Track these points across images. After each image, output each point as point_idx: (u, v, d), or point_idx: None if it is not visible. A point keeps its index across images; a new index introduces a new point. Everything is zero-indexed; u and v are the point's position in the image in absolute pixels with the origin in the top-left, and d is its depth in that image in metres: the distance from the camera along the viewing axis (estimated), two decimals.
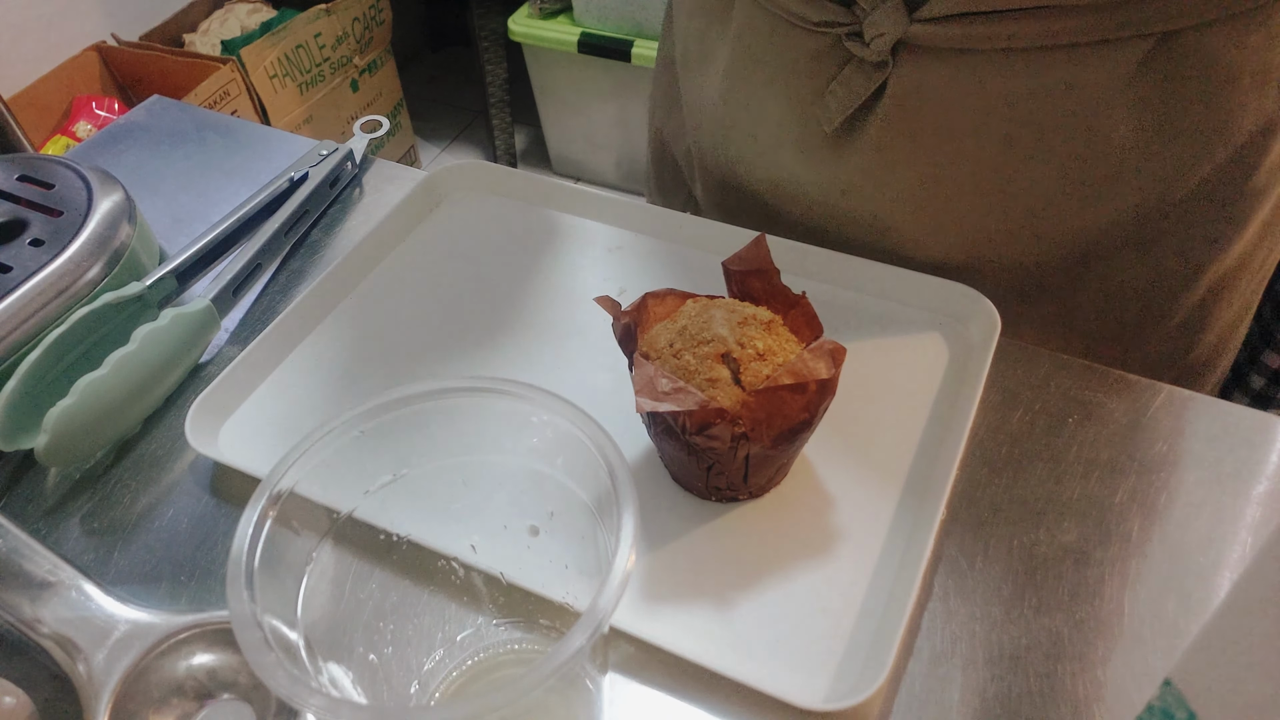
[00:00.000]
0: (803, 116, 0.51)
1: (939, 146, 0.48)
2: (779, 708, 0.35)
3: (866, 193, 0.51)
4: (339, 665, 0.32)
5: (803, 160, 0.52)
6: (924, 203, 0.50)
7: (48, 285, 0.48)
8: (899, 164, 0.49)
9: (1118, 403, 0.46)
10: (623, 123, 1.84)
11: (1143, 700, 0.25)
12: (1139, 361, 0.55)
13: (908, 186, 0.50)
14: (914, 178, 0.49)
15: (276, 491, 0.29)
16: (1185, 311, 0.53)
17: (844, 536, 0.42)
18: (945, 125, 0.47)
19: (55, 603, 0.37)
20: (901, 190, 0.50)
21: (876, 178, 0.50)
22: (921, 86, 0.46)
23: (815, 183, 0.53)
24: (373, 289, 0.55)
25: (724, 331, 0.39)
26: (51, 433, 0.42)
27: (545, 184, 0.60)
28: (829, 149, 0.51)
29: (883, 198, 0.51)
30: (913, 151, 0.48)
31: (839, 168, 0.51)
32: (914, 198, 0.50)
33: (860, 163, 0.50)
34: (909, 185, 0.50)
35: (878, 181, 0.50)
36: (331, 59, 1.75)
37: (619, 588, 0.26)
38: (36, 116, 1.52)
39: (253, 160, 0.66)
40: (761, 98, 0.52)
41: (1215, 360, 0.58)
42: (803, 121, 0.51)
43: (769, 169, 0.55)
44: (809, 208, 0.54)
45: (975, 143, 0.47)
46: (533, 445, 0.32)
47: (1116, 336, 0.55)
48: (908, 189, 0.50)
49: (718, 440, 0.38)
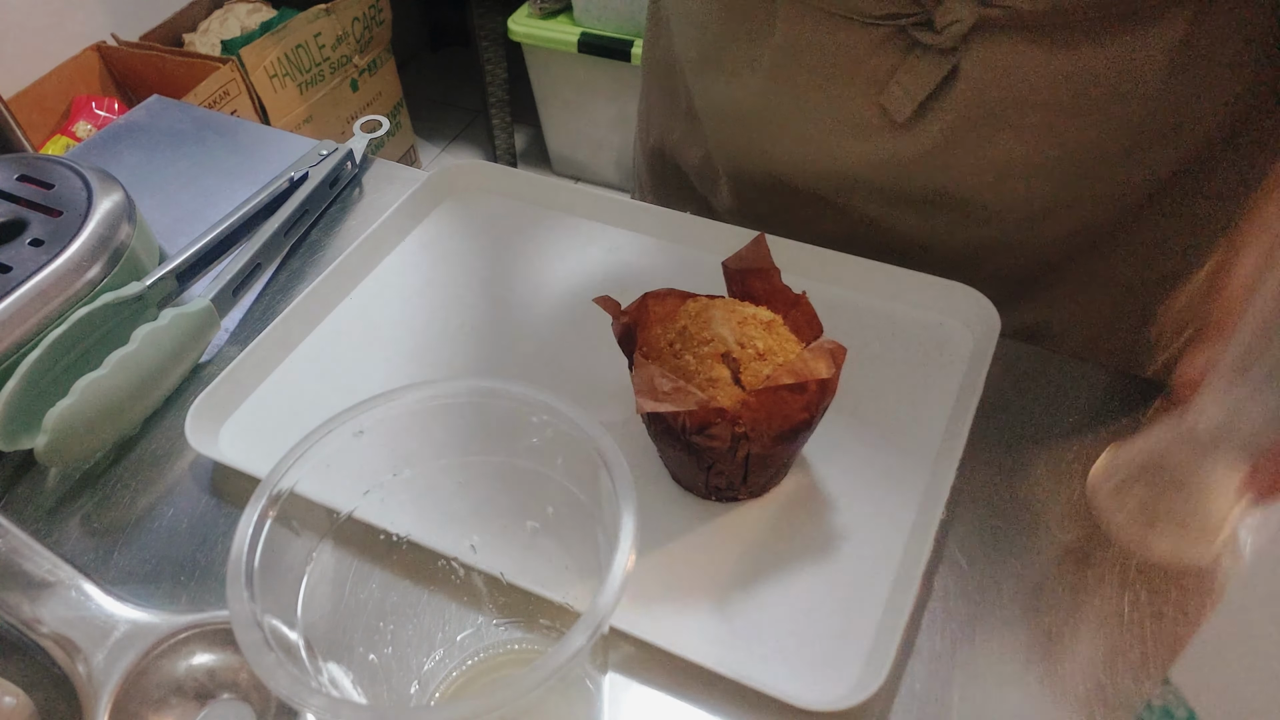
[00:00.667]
0: (864, 108, 0.51)
1: (1009, 121, 0.48)
2: (779, 708, 0.35)
3: (935, 170, 0.51)
4: (339, 665, 0.32)
5: (864, 149, 0.52)
6: (993, 173, 0.51)
7: (48, 285, 0.48)
8: (970, 141, 0.50)
9: (1118, 403, 0.46)
10: (623, 123, 1.84)
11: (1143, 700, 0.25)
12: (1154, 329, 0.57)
13: (978, 161, 0.50)
14: (985, 151, 0.50)
15: (276, 491, 0.29)
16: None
17: (844, 536, 0.42)
18: (1014, 100, 0.47)
19: (55, 602, 0.37)
20: (972, 164, 0.51)
21: (946, 156, 0.51)
22: (993, 66, 0.46)
23: (878, 168, 0.53)
24: (373, 289, 0.55)
25: (724, 331, 0.39)
26: (51, 433, 0.42)
27: (545, 184, 0.60)
28: (893, 134, 0.51)
29: (950, 174, 0.51)
30: (984, 127, 0.49)
31: (904, 151, 0.51)
32: (984, 169, 0.51)
33: (928, 143, 0.50)
34: (979, 159, 0.50)
35: (947, 160, 0.51)
36: (331, 59, 1.75)
37: (619, 588, 0.26)
38: (36, 116, 1.52)
39: (253, 160, 0.66)
40: (814, 95, 0.52)
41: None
42: (863, 112, 0.51)
43: (823, 162, 0.54)
44: (867, 195, 0.54)
45: (1041, 114, 0.48)
46: (533, 445, 0.32)
47: (1153, 292, 0.56)
48: (978, 163, 0.50)
49: (717, 440, 0.38)
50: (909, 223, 0.54)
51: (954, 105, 0.48)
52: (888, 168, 0.52)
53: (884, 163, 0.52)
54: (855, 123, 0.51)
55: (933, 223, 0.54)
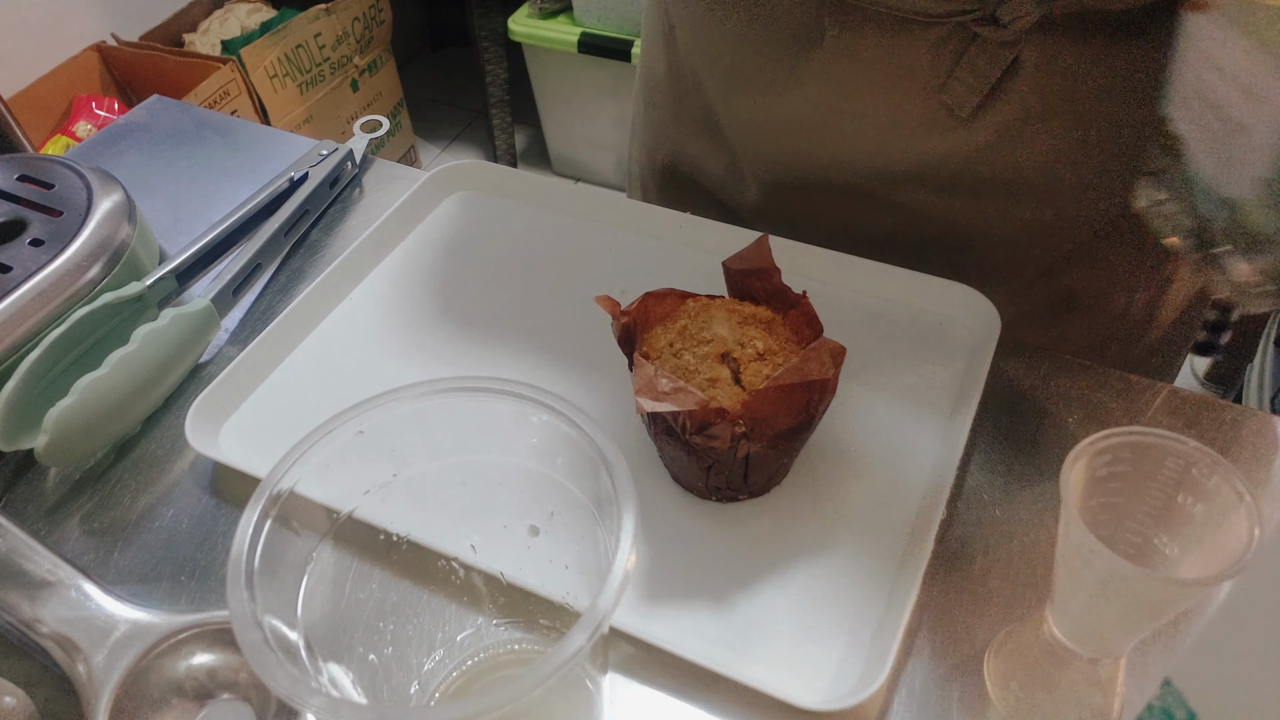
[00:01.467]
0: (921, 106, 0.51)
1: (1066, 107, 0.49)
2: (779, 708, 0.35)
3: (990, 161, 0.52)
4: (339, 665, 0.32)
5: (920, 146, 0.52)
6: (1046, 157, 0.51)
7: (48, 285, 0.48)
8: (1027, 130, 0.50)
9: (1118, 403, 0.46)
10: (623, 123, 1.84)
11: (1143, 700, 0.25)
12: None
13: (1033, 148, 0.51)
14: (1041, 139, 0.50)
15: (276, 491, 0.29)
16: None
17: (844, 536, 0.42)
18: (1071, 87, 0.48)
19: (55, 602, 0.37)
20: (1028, 152, 0.51)
21: (1003, 147, 0.51)
22: (1053, 56, 0.47)
23: (933, 163, 0.53)
24: (372, 289, 0.55)
25: (724, 331, 0.39)
26: (51, 433, 0.42)
27: (545, 184, 0.60)
28: (951, 130, 0.51)
29: (1005, 163, 0.52)
30: (1042, 116, 0.49)
31: (962, 145, 0.51)
32: (1039, 155, 0.51)
33: (987, 136, 0.51)
34: (1034, 147, 0.51)
35: (1003, 150, 0.51)
36: (331, 59, 1.75)
37: (619, 588, 0.26)
38: (36, 116, 1.52)
39: (253, 160, 0.66)
40: (867, 98, 0.52)
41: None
42: (920, 110, 0.51)
43: (874, 161, 0.54)
44: (916, 188, 0.55)
45: (1095, 99, 0.48)
46: (533, 445, 0.32)
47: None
48: (1033, 150, 0.51)
49: (717, 440, 0.38)
50: (959, 211, 0.55)
51: (1014, 97, 0.48)
52: (943, 162, 0.52)
53: (940, 158, 0.52)
54: (911, 121, 0.51)
55: (983, 210, 0.54)
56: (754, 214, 0.61)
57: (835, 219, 0.57)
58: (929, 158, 0.52)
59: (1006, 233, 0.55)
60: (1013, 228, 0.54)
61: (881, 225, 0.56)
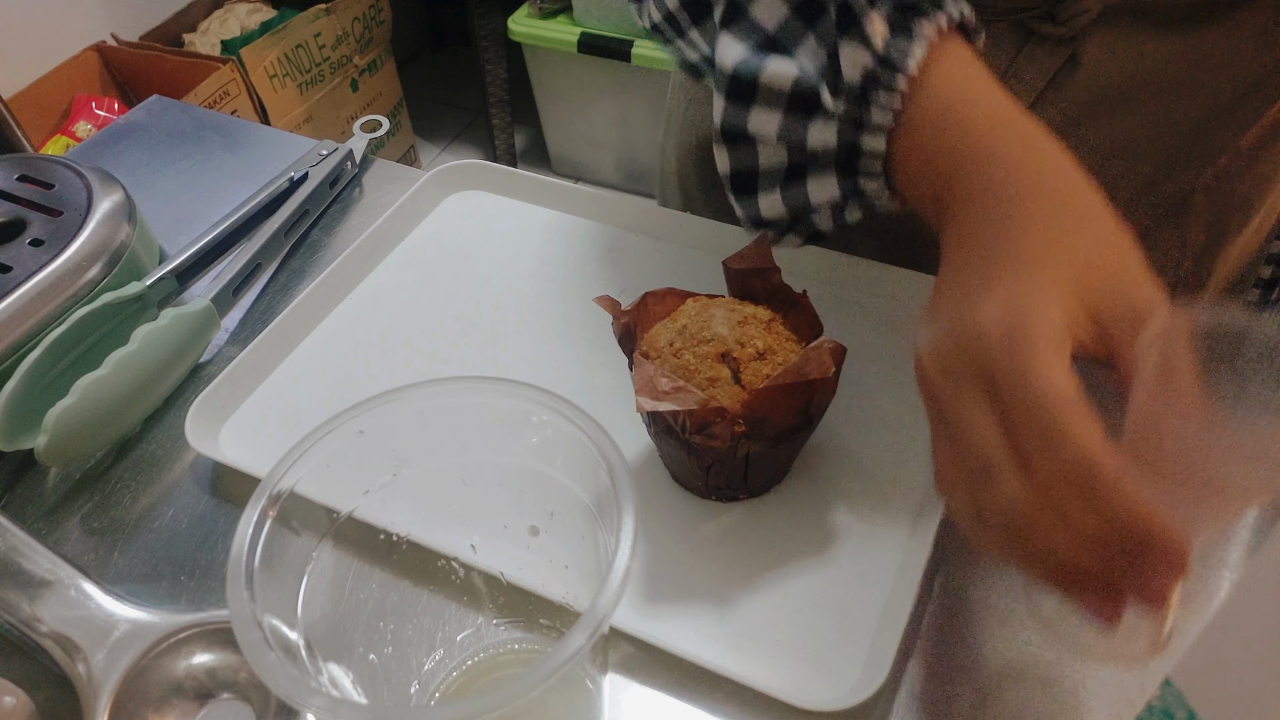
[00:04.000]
0: None
1: (1122, 103, 0.49)
2: (779, 708, 0.35)
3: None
4: (339, 665, 0.32)
5: None
6: (1101, 154, 0.51)
7: (48, 285, 0.48)
8: (1083, 125, 0.50)
9: (1118, 402, 0.46)
10: (623, 123, 1.84)
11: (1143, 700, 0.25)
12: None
13: (1086, 144, 0.50)
14: (1095, 134, 0.50)
15: (276, 491, 0.29)
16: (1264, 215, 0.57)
17: (844, 536, 0.41)
18: (1128, 82, 0.48)
19: (55, 602, 0.37)
20: (1082, 148, 0.51)
21: (1064, 140, 0.51)
22: (1111, 51, 0.47)
23: None
24: (373, 289, 0.55)
25: (724, 331, 0.39)
26: (51, 433, 0.42)
27: (545, 184, 0.60)
28: None
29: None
30: (1098, 111, 0.49)
31: None
32: (1093, 151, 0.51)
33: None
34: (1089, 142, 0.50)
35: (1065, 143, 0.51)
36: (331, 59, 1.75)
37: (619, 588, 0.26)
38: (36, 116, 1.52)
39: (253, 160, 0.66)
40: None
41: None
42: None
43: None
44: None
45: (1150, 95, 0.48)
46: (533, 445, 0.32)
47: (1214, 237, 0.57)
48: (1087, 146, 0.50)
49: (717, 439, 0.38)
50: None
51: (1071, 93, 0.48)
52: None
53: None
54: None
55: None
56: None
57: (880, 219, 0.57)
58: None
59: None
60: None
61: (909, 224, 0.56)
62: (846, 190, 0.40)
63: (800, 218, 0.43)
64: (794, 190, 0.41)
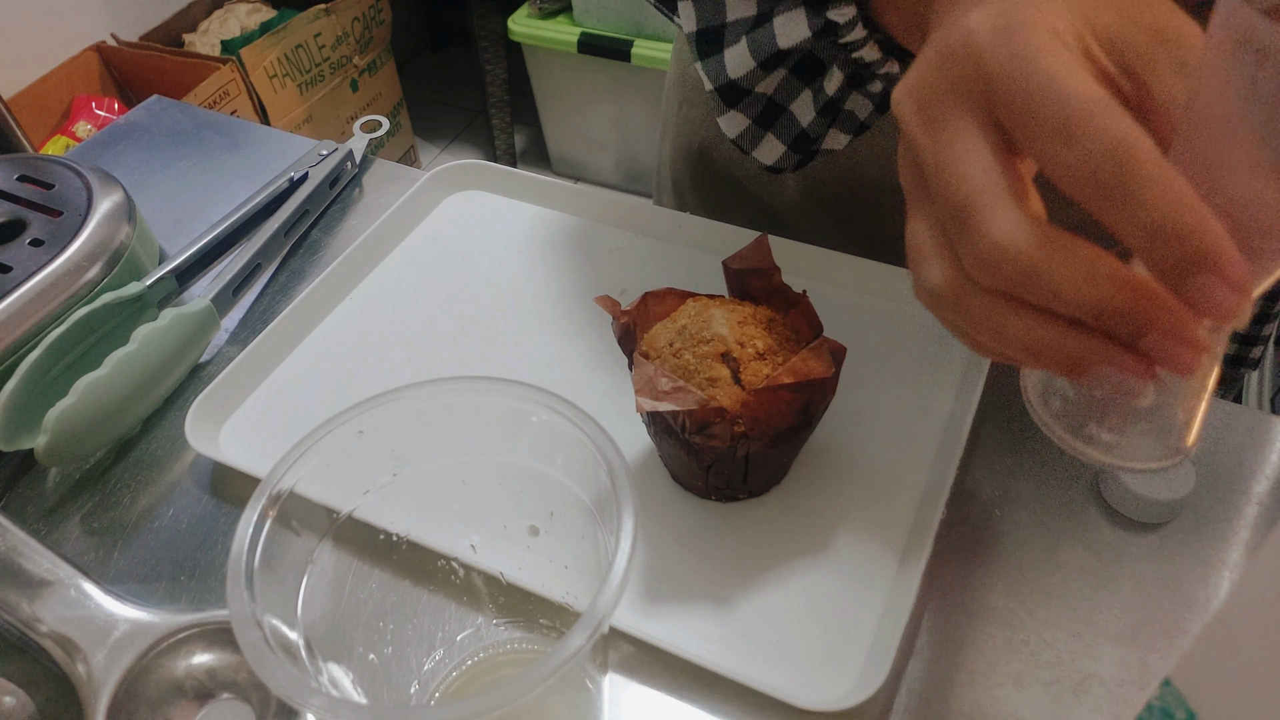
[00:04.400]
0: None
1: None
2: (779, 708, 0.35)
3: None
4: (339, 665, 0.32)
5: None
6: None
7: (48, 285, 0.48)
8: None
9: None
10: (623, 123, 1.84)
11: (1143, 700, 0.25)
12: None
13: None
14: None
15: (276, 491, 0.29)
16: None
17: (844, 536, 0.41)
18: None
19: (54, 601, 0.37)
20: None
21: None
22: None
23: None
24: (373, 289, 0.55)
25: (724, 331, 0.39)
26: (51, 433, 0.42)
27: (545, 184, 0.60)
28: None
29: None
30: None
31: None
32: None
33: None
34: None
35: None
36: (331, 59, 1.75)
37: (619, 588, 0.26)
38: (36, 116, 1.52)
39: (253, 160, 0.66)
40: None
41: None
42: None
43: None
44: None
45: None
46: (533, 445, 0.32)
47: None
48: None
49: (717, 439, 0.38)
50: None
51: None
52: None
53: None
54: None
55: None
56: (791, 210, 0.61)
57: (874, 216, 0.56)
58: None
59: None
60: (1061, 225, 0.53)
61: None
62: (816, 28, 0.36)
63: (776, 109, 0.40)
64: (761, 34, 0.38)
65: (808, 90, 0.40)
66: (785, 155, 0.43)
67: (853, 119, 0.44)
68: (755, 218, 0.63)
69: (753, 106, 0.41)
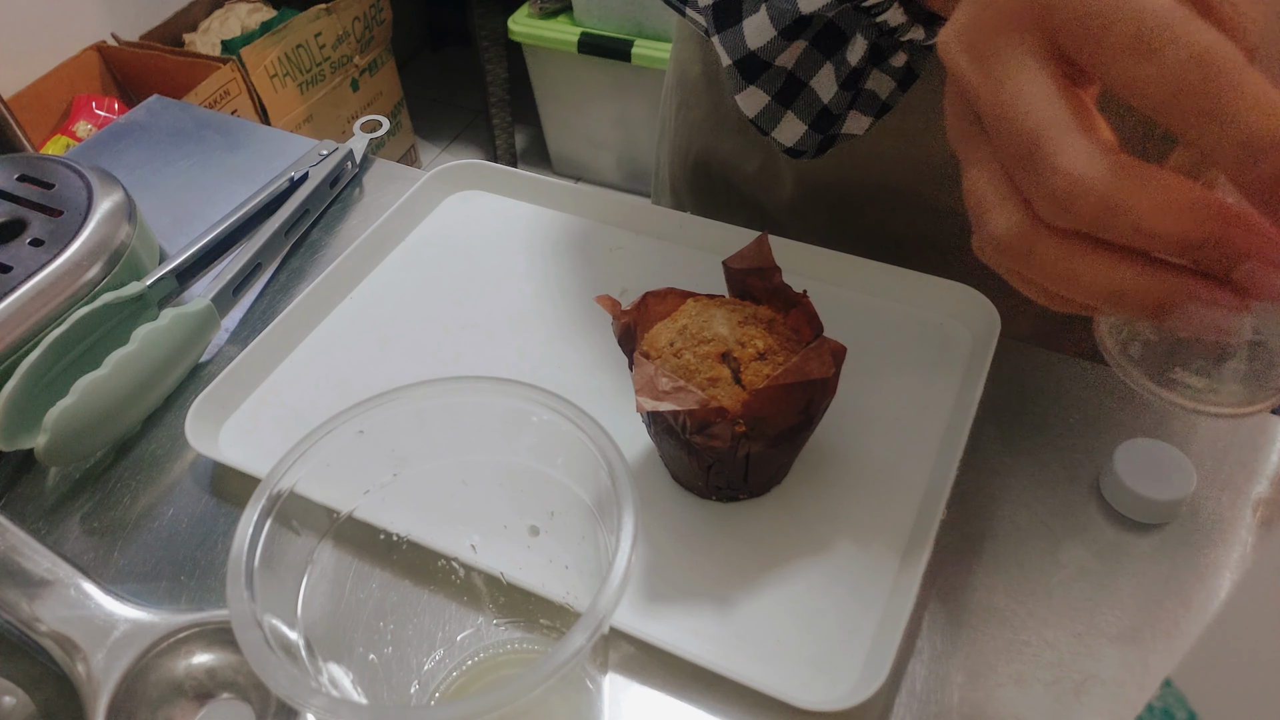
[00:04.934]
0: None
1: (1121, 101, 0.47)
2: (779, 708, 0.35)
3: None
4: (339, 665, 0.31)
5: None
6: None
7: (48, 285, 0.48)
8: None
9: (1118, 402, 0.46)
10: (623, 122, 1.84)
11: (1143, 700, 0.25)
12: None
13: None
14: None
15: (276, 491, 0.29)
16: None
17: (845, 536, 0.41)
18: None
19: (54, 601, 0.37)
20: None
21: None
22: None
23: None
24: (373, 289, 0.55)
25: (724, 330, 0.39)
26: (51, 433, 0.42)
27: (545, 184, 0.60)
28: None
29: None
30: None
31: None
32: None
33: None
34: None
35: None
36: (332, 59, 1.75)
37: (619, 588, 0.26)
38: (36, 116, 1.52)
39: (253, 160, 0.66)
40: (911, 90, 0.50)
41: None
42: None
43: (918, 155, 0.53)
44: (957, 190, 0.53)
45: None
46: (533, 445, 0.32)
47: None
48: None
49: (718, 439, 0.38)
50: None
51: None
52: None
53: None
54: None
55: None
56: (789, 213, 0.61)
57: (873, 220, 0.56)
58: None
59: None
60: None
61: (918, 226, 0.55)
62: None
63: (796, 84, 0.39)
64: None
65: (829, 63, 0.39)
66: (806, 135, 0.42)
67: (874, 99, 0.43)
68: (752, 220, 0.63)
69: (772, 82, 0.39)
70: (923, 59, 0.42)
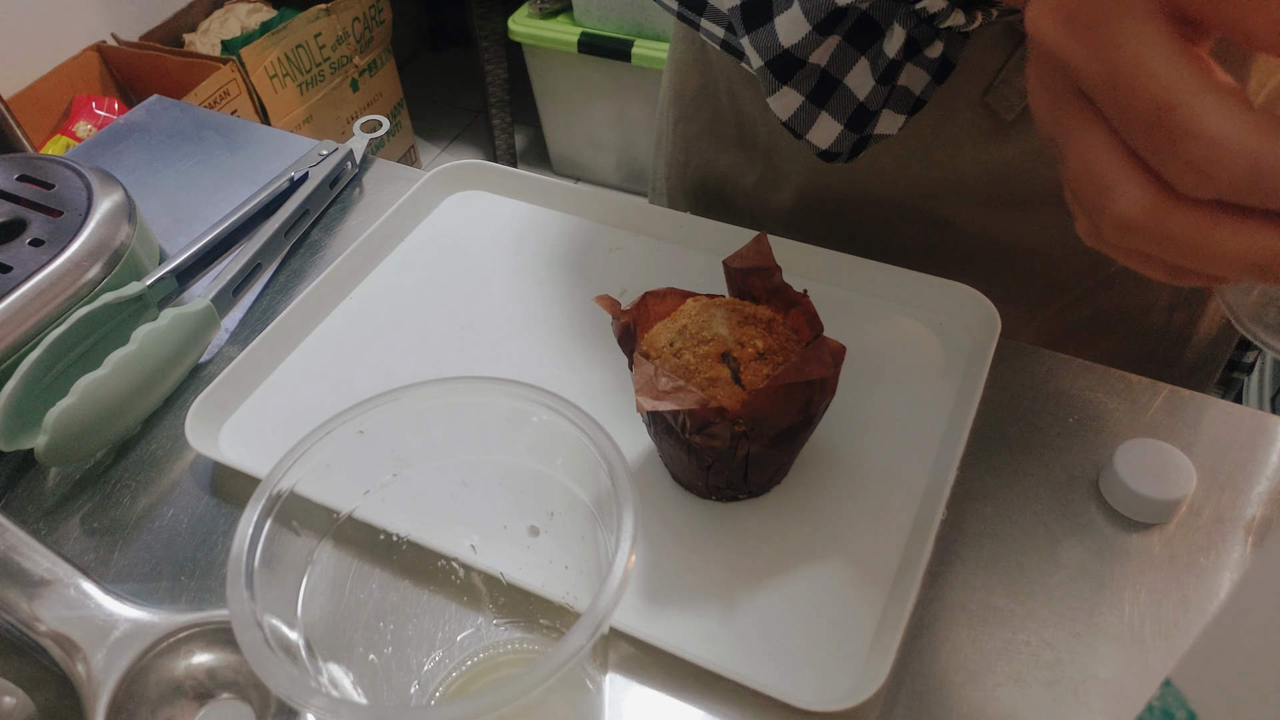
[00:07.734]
0: (966, 110, 0.49)
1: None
2: (779, 708, 0.35)
3: (1037, 168, 0.49)
4: (339, 665, 0.32)
5: (965, 153, 0.50)
6: None
7: (48, 285, 0.48)
8: None
9: (1118, 403, 0.46)
10: (623, 123, 1.84)
11: (1143, 700, 0.25)
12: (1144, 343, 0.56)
13: None
14: None
15: (276, 491, 0.29)
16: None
17: (844, 536, 0.41)
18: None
19: (54, 601, 0.37)
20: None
21: (1052, 156, 0.49)
22: None
23: (978, 171, 0.51)
24: (373, 289, 0.55)
25: (724, 330, 0.39)
26: (51, 433, 0.42)
27: (545, 184, 0.60)
28: (997, 136, 0.49)
29: (1054, 170, 0.50)
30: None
31: (1007, 151, 0.49)
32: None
33: (1033, 143, 0.48)
34: None
35: (1052, 160, 0.49)
36: (331, 59, 1.75)
37: (619, 588, 0.26)
38: (36, 116, 1.52)
39: (253, 160, 0.66)
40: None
41: (1214, 352, 0.59)
42: (966, 116, 0.49)
43: (917, 171, 0.53)
44: (960, 201, 0.52)
45: None
46: (532, 445, 0.32)
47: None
48: None
49: (717, 439, 0.38)
50: (1000, 225, 0.52)
51: None
52: (985, 172, 0.50)
53: (982, 167, 0.50)
54: (954, 128, 0.49)
55: (1026, 223, 0.52)
56: (787, 228, 0.60)
57: (872, 233, 0.56)
58: (971, 167, 0.51)
59: (1050, 248, 0.53)
60: (1056, 242, 0.53)
61: (919, 240, 0.55)
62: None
63: (830, 83, 0.38)
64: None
65: (863, 59, 0.38)
66: (842, 135, 0.41)
67: (907, 96, 0.42)
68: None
69: (806, 81, 0.39)
70: (959, 47, 0.41)
